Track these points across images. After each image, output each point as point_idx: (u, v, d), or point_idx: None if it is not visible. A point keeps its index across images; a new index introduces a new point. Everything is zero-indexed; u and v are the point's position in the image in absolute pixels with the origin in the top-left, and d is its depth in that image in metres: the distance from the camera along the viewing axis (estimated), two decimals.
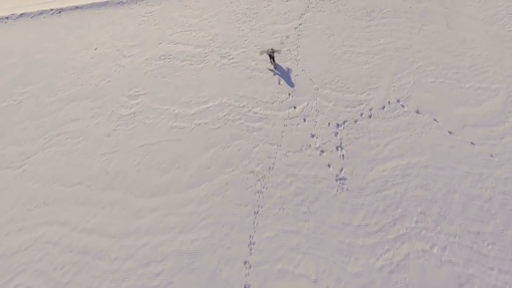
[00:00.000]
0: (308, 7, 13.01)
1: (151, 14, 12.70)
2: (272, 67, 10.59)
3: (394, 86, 10.14)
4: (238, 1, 13.24)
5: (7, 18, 12.38)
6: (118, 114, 9.37)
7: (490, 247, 7.08)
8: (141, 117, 9.30)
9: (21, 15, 12.51)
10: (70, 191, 7.83)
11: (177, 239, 7.08)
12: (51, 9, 12.63)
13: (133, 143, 8.69)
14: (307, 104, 9.61)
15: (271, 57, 10.58)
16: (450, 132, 9.05)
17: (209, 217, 7.39)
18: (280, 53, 10.67)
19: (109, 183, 7.96)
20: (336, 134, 8.97)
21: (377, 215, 7.51)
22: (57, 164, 8.32)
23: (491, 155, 8.56)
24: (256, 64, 10.75)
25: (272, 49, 10.57)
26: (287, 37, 11.73)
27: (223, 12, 12.73)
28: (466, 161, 8.46)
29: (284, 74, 10.54)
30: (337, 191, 7.88)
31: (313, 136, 8.90)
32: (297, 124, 9.15)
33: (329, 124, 9.18)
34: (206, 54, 11.08)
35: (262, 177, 8.06)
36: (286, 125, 9.13)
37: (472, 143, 8.83)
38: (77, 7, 12.78)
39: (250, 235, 7.15)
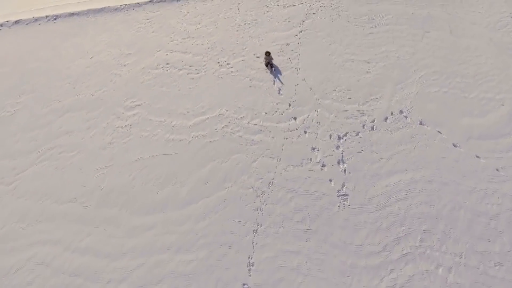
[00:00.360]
0: (308, 13, 12.75)
1: (148, 21, 12.44)
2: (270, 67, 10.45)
3: (397, 96, 9.90)
4: (237, 7, 12.98)
5: (1, 25, 12.13)
6: (114, 126, 9.12)
7: (497, 267, 6.85)
8: (137, 129, 9.05)
9: (16, 22, 12.25)
10: (63, 208, 7.58)
11: (173, 259, 6.84)
12: (47, 16, 12.37)
13: (129, 157, 8.44)
14: (308, 116, 9.37)
15: (270, 64, 10.39)
16: (454, 145, 8.81)
17: (206, 236, 7.15)
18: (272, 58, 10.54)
19: (104, 199, 7.72)
20: (338, 147, 8.73)
21: (380, 234, 7.27)
22: (50, 179, 8.08)
23: (497, 169, 8.32)
24: (255, 73, 10.51)
25: (267, 56, 10.41)
26: (287, 44, 11.48)
27: (222, 19, 12.48)
28: (471, 176, 8.23)
29: (284, 83, 10.29)
30: (338, 207, 7.64)
31: (314, 149, 8.66)
32: (298, 137, 8.91)
33: (330, 136, 8.94)
34: (205, 63, 10.84)
35: (262, 193, 7.82)
36: (286, 137, 8.89)
37: (477, 156, 8.59)
38: (73, 14, 12.52)
39: (249, 256, 6.91)
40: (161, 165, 8.32)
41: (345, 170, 8.28)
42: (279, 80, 10.32)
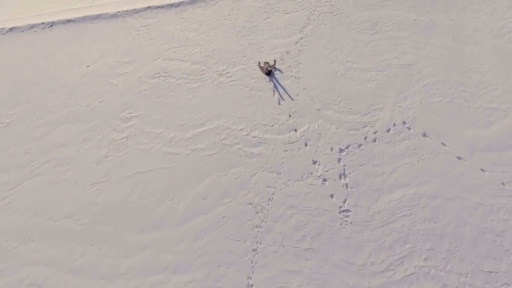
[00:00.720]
0: (309, 19, 12.54)
1: (146, 27, 12.22)
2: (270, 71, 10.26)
3: (399, 107, 9.68)
4: (237, 14, 12.76)
5: None
6: (110, 138, 8.90)
7: None
8: (133, 142, 8.83)
9: (11, 29, 12.02)
10: (57, 225, 7.37)
11: (170, 280, 6.63)
12: (42, 23, 12.13)
13: (125, 171, 8.23)
14: (309, 127, 9.15)
15: (270, 72, 10.21)
16: (459, 158, 8.60)
17: (204, 255, 6.94)
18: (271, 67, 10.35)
19: (99, 216, 7.50)
20: (339, 160, 8.52)
21: (383, 252, 7.06)
22: (44, 195, 7.86)
23: (503, 183, 8.11)
24: (255, 83, 10.29)
25: (267, 65, 10.25)
26: (287, 52, 11.26)
27: (221, 26, 12.26)
28: (476, 190, 8.01)
29: (284, 92, 10.08)
30: (340, 224, 7.43)
31: (315, 162, 8.44)
32: (298, 149, 8.69)
33: (331, 149, 8.72)
34: (203, 72, 10.62)
35: (261, 209, 7.61)
36: (287, 150, 8.67)
37: (482, 169, 8.38)
38: (69, 20, 12.29)
39: (248, 276, 6.70)
40: (158, 179, 8.11)
41: (346, 185, 8.07)
42: (279, 90, 10.10)
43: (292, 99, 9.85)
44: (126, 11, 12.69)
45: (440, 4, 13.26)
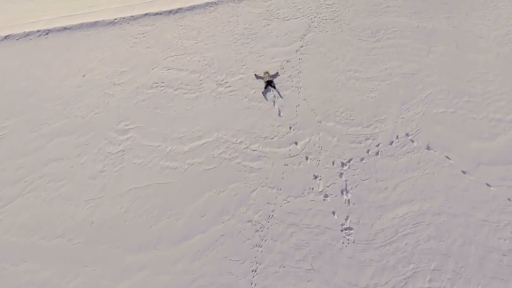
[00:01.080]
0: (309, 26, 12.31)
1: (143, 35, 11.99)
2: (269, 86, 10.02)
3: (402, 118, 9.46)
4: (236, 21, 12.53)
5: None
6: (106, 152, 8.68)
7: None
8: (130, 155, 8.62)
9: (6, 37, 11.80)
10: (51, 245, 7.16)
11: None
12: (38, 31, 11.91)
13: (121, 186, 8.01)
14: (310, 140, 8.93)
15: (271, 82, 9.99)
16: (463, 172, 8.38)
17: (202, 277, 6.73)
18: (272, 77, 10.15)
19: (93, 235, 7.29)
20: (341, 174, 8.30)
21: (387, 273, 6.85)
22: (37, 212, 7.64)
23: (509, 199, 7.90)
24: (254, 93, 10.07)
25: (267, 74, 10.06)
26: (287, 61, 11.04)
27: (220, 33, 12.03)
28: (482, 207, 7.80)
29: (285, 103, 9.85)
30: (342, 243, 7.21)
31: (316, 177, 8.22)
32: (299, 164, 8.48)
33: (333, 163, 8.50)
34: (201, 82, 10.39)
35: (261, 227, 7.39)
36: (287, 164, 8.45)
37: (487, 184, 8.16)
38: (65, 28, 12.06)
39: None
40: (155, 196, 7.89)
41: (349, 201, 7.85)
42: (279, 100, 9.87)
43: (293, 111, 9.63)
44: (123, 18, 12.47)
45: (443, 10, 13.04)
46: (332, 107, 9.74)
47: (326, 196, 7.92)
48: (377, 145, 8.87)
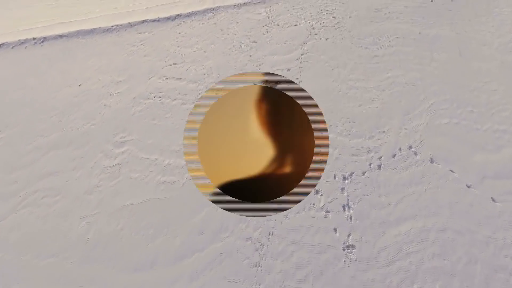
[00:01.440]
0: (310, 33, 12.11)
1: (141, 43, 11.78)
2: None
3: (405, 129, 9.27)
4: (235, 27, 12.33)
5: None
6: (102, 166, 8.48)
7: None
8: (126, 169, 8.41)
9: (0, 45, 11.58)
10: (44, 265, 6.95)
11: None
12: (34, 38, 11.69)
13: (117, 202, 7.81)
14: None
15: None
16: (468, 186, 8.19)
17: None
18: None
19: (88, 254, 7.08)
20: (343, 189, 8.10)
21: None
22: (31, 230, 7.44)
23: None
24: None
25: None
26: (288, 70, 10.84)
27: (219, 41, 11.82)
28: (487, 223, 7.61)
29: None
30: (344, 262, 7.02)
31: (317, 192, 8.03)
32: None
33: (334, 177, 8.31)
34: (200, 91, 10.18)
35: (261, 245, 7.20)
36: None
37: (493, 199, 7.97)
38: (61, 36, 11.85)
39: None
40: (152, 212, 7.69)
41: (350, 217, 7.65)
42: None
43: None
44: (120, 25, 12.26)
45: (445, 16, 12.86)
46: (333, 118, 9.55)
47: (327, 212, 7.73)
48: (380, 158, 8.67)
